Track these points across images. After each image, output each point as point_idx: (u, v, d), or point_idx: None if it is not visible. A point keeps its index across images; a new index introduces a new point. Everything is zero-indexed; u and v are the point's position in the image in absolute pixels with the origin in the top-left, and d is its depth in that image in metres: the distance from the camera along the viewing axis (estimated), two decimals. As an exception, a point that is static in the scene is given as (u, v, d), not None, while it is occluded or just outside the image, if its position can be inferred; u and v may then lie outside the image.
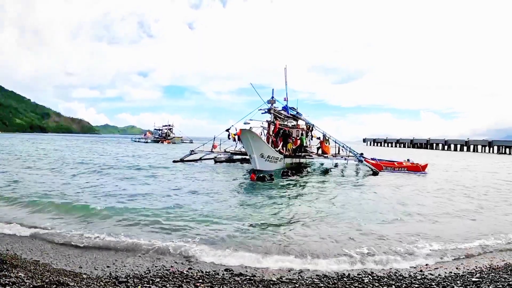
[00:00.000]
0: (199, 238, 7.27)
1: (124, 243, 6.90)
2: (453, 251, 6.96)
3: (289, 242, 7.21)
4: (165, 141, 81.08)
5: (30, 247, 6.63)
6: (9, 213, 9.42)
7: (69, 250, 6.54)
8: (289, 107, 28.64)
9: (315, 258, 6.32)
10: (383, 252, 6.76)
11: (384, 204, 11.78)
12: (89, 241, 7.02)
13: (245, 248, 6.79)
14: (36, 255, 6.22)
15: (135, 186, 14.46)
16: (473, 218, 10.09)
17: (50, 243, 6.93)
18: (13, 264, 5.39)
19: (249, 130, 21.01)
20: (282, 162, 23.00)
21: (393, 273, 5.78)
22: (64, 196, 11.71)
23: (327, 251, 6.75)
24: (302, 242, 7.21)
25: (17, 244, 6.81)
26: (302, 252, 6.61)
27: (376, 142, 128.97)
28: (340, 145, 25.89)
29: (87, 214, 9.18)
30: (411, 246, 7.12)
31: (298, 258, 6.35)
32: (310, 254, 6.52)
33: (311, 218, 9.36)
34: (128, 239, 7.11)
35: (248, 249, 6.71)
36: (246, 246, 6.87)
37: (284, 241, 7.29)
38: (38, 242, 6.98)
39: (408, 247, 7.05)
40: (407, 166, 23.97)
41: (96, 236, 7.29)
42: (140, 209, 9.81)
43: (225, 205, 10.84)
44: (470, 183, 18.37)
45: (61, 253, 6.38)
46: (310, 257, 6.37)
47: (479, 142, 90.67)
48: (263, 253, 6.53)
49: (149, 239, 7.10)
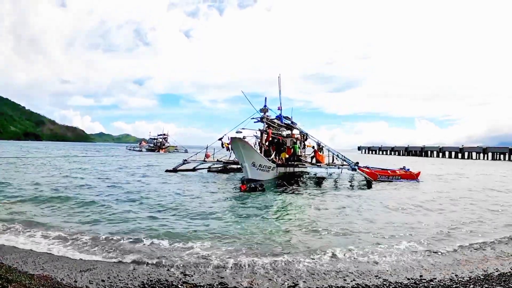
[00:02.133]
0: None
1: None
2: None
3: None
4: (162, 150, 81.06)
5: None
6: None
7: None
8: (283, 116, 28.55)
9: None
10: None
11: (379, 214, 11.55)
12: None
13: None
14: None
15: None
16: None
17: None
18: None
19: (239, 139, 20.73)
20: (275, 171, 22.80)
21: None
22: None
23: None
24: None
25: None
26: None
27: (370, 150, 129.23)
28: (334, 154, 25.74)
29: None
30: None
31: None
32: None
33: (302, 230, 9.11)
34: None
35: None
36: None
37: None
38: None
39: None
40: (401, 174, 23.90)
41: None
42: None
43: (213, 221, 10.39)
44: (461, 194, 18.16)
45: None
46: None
47: (474, 149, 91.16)
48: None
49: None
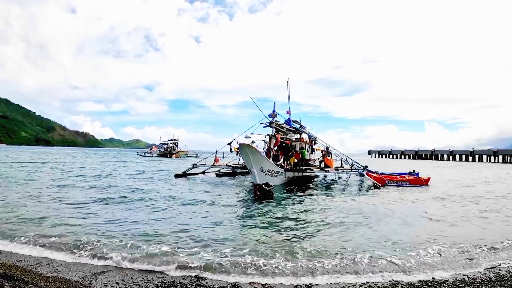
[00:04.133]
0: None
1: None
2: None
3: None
4: (174, 155, 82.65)
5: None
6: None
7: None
8: (292, 121, 28.79)
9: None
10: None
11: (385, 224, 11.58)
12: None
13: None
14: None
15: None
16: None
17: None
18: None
19: (247, 144, 20.95)
20: (283, 176, 22.92)
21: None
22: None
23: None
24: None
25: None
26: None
27: (381, 154, 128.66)
28: (343, 158, 25.80)
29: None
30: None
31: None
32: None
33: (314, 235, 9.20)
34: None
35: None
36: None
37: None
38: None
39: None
40: (410, 179, 23.74)
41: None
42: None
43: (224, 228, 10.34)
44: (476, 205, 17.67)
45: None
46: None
47: (484, 152, 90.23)
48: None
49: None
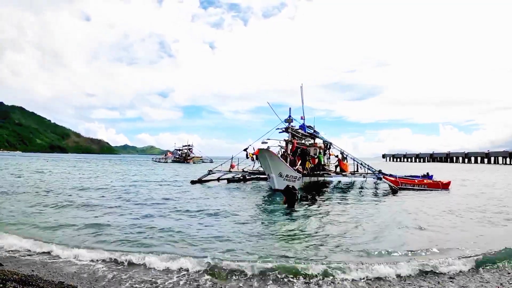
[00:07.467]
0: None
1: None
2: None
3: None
4: (190, 160, 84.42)
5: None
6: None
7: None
8: (306, 126, 29.04)
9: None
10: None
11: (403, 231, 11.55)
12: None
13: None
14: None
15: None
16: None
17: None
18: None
19: (266, 150, 21.33)
20: (300, 181, 23.19)
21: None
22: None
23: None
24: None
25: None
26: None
27: (395, 157, 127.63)
28: (358, 162, 25.93)
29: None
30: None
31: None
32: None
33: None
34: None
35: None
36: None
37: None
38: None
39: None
40: (428, 183, 23.62)
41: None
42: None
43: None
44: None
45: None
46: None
47: (500, 154, 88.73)
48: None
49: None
